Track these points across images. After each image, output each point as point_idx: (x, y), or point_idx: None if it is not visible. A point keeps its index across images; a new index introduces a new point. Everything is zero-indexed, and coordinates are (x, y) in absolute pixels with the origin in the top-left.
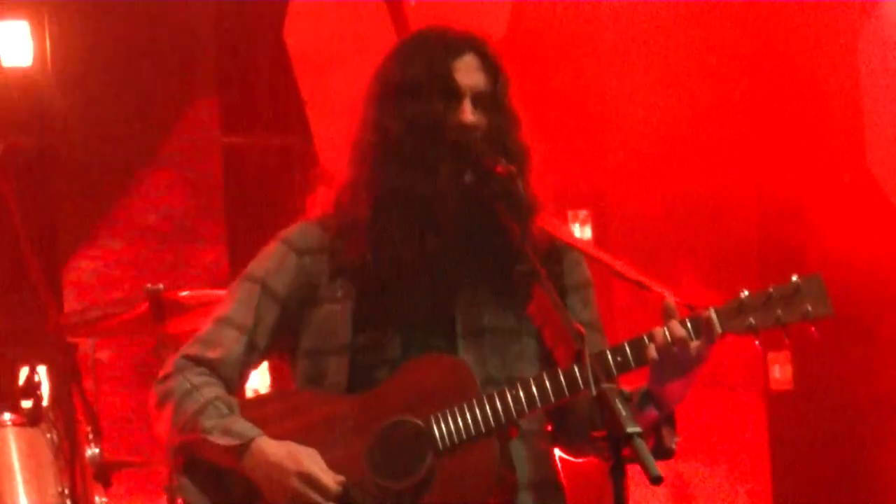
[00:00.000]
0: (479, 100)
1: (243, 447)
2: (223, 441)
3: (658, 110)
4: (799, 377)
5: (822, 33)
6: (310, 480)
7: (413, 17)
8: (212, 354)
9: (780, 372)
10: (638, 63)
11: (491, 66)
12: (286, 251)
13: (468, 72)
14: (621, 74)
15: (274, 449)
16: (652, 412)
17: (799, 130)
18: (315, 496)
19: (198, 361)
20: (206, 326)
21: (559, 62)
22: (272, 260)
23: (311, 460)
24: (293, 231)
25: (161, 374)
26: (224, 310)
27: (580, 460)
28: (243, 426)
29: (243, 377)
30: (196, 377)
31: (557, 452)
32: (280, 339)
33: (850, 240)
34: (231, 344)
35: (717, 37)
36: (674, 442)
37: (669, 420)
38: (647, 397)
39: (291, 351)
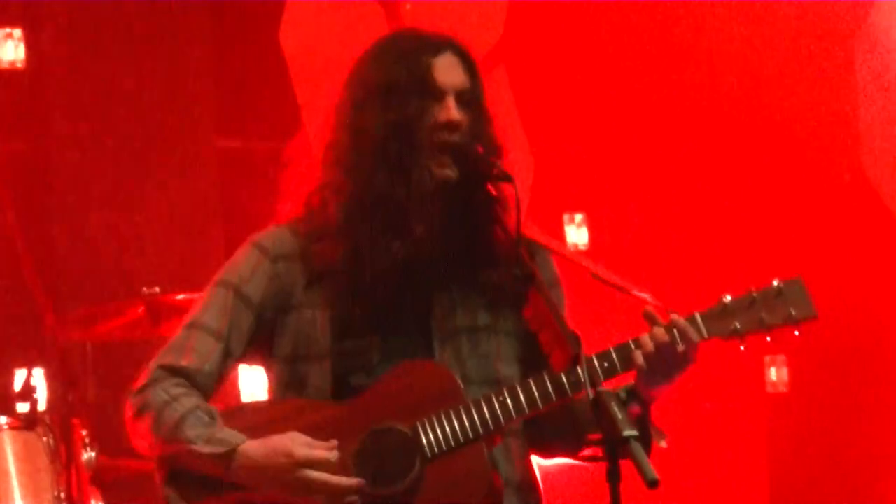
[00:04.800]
0: (461, 97)
1: (229, 454)
2: (208, 450)
3: (655, 111)
4: (795, 380)
5: (818, 36)
6: (309, 463)
7: (409, 20)
8: (187, 364)
9: (777, 375)
10: (634, 64)
11: (469, 65)
12: (259, 257)
13: (449, 70)
14: (617, 75)
15: (260, 450)
16: (635, 408)
17: (794, 134)
18: (321, 476)
19: (174, 371)
20: (179, 332)
21: (555, 64)
22: (245, 265)
23: (295, 444)
24: (265, 236)
25: (137, 384)
26: (198, 316)
27: (550, 462)
28: (227, 433)
29: (219, 385)
30: (173, 388)
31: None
32: (254, 345)
33: (846, 243)
34: (207, 352)
35: (713, 39)
36: (662, 441)
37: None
38: (632, 395)
39: (265, 357)
